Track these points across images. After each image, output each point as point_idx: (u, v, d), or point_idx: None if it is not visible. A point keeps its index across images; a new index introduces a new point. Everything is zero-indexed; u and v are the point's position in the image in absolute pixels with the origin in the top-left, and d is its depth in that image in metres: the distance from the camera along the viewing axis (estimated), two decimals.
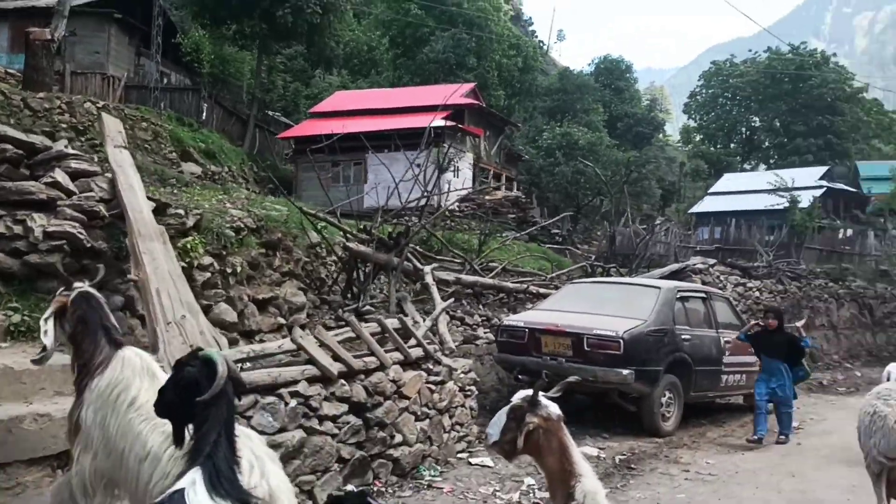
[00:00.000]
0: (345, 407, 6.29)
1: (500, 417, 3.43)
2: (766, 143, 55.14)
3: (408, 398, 7.18)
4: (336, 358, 6.32)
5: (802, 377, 10.13)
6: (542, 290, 11.48)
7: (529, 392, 3.43)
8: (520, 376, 9.85)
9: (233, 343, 7.06)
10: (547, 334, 9.62)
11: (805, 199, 37.33)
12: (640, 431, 9.59)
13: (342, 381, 6.31)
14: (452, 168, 26.87)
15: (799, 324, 11.10)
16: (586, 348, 9.27)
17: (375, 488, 6.46)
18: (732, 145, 56.48)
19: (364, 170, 28.37)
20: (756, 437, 9.36)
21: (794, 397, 9.86)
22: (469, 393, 8.65)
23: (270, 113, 34.47)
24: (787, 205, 36.21)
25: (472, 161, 31.16)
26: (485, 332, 10.68)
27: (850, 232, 40.50)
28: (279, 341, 6.43)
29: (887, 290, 21.61)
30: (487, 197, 30.44)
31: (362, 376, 6.65)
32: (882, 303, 20.97)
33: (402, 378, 7.14)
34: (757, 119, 55.54)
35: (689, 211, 44.94)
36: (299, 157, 28.53)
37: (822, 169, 44.27)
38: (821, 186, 41.33)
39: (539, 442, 3.36)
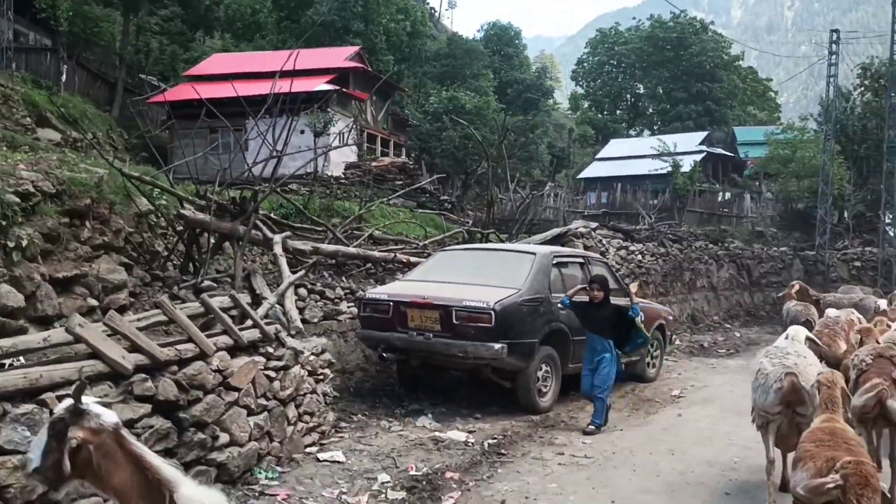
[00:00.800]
0: (147, 408, 5.08)
1: (41, 437, 2.64)
2: (651, 110, 55.90)
3: (237, 390, 6.01)
4: (135, 348, 5.10)
5: (642, 343, 8.87)
6: (413, 259, 10.48)
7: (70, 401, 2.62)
8: (384, 354, 8.85)
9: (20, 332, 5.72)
10: (413, 307, 8.61)
11: (686, 164, 37.76)
12: (516, 409, 8.77)
13: (143, 376, 5.10)
14: (336, 134, 25.47)
15: (632, 287, 10.57)
16: (455, 322, 8.33)
17: None
18: (618, 112, 57.00)
19: (244, 136, 26.62)
20: (591, 427, 8.07)
21: (619, 376, 8.70)
22: (322, 377, 7.57)
23: (144, 77, 31.98)
24: (669, 169, 36.52)
25: (358, 127, 29.78)
26: (348, 307, 9.59)
27: (728, 195, 41.52)
28: (45, 332, 5.12)
29: (763, 250, 21.79)
30: (374, 163, 29.22)
31: (175, 368, 5.45)
32: (759, 263, 21.10)
33: (229, 366, 5.97)
34: (641, 86, 56.15)
35: (578, 177, 45.04)
36: (174, 123, 26.46)
37: (702, 134, 45.08)
38: (701, 151, 42.02)
39: (94, 461, 2.60)
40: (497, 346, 8.18)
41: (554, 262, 9.28)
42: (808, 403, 5.37)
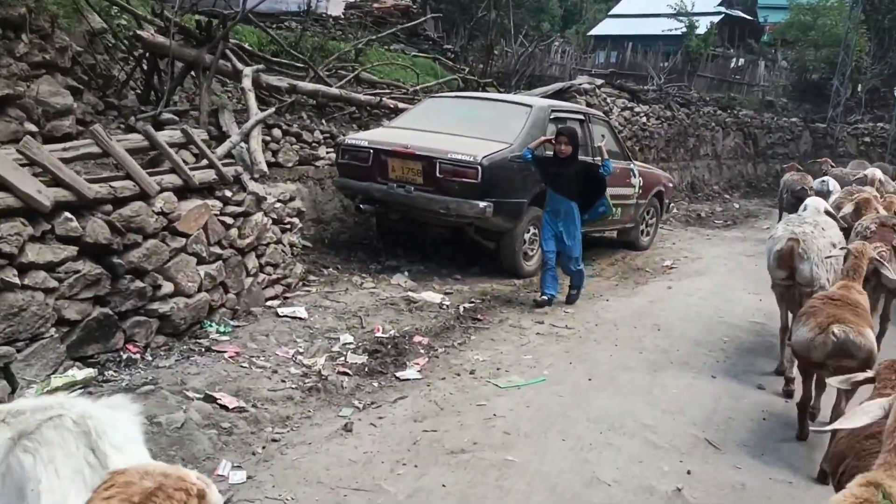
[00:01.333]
0: (72, 250, 4.44)
1: None
2: None
3: (185, 235, 5.35)
4: (56, 182, 4.39)
5: (603, 213, 7.81)
6: (401, 106, 9.58)
7: None
8: (361, 205, 8.18)
9: None
10: (394, 157, 7.85)
11: (703, 26, 35.76)
12: (499, 272, 8.22)
13: (67, 214, 4.42)
14: None
15: (600, 142, 9.76)
16: (439, 175, 7.59)
17: (125, 355, 4.77)
18: None
19: None
20: (544, 297, 7.27)
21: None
22: (290, 226, 6.92)
23: None
24: (684, 30, 34.57)
25: None
26: (328, 152, 8.79)
27: (741, 61, 39.60)
28: None
29: (773, 119, 20.76)
30: (375, 4, 27.48)
31: (109, 208, 4.76)
32: (766, 133, 20.14)
33: (176, 209, 5.28)
34: None
35: (588, 33, 42.82)
36: None
37: None
38: (719, 13, 39.79)
39: None
40: (482, 204, 7.50)
41: (552, 116, 8.42)
42: (802, 272, 5.33)
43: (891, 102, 34.80)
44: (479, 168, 7.44)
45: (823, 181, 10.47)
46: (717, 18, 39.00)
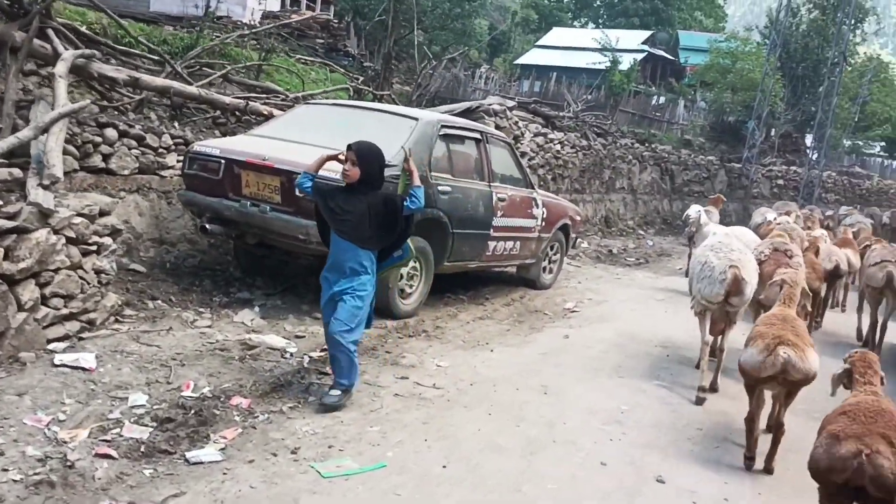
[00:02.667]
0: None
1: None
2: (598, 2, 52.76)
3: None
4: None
5: (399, 259, 5.23)
6: (276, 112, 8.22)
7: None
8: (207, 226, 6.70)
9: None
10: (250, 169, 6.45)
11: (626, 62, 35.70)
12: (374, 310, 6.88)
13: None
14: None
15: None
16: (299, 194, 6.24)
17: None
18: (565, 0, 53.69)
19: None
20: (333, 394, 4.72)
21: (369, 324, 5.10)
22: (96, 247, 5.43)
23: None
24: (608, 65, 34.37)
25: None
26: (178, 160, 7.34)
27: (662, 99, 39.70)
28: None
29: (690, 157, 20.17)
30: (294, 16, 26.10)
31: None
32: (683, 170, 19.51)
33: None
34: None
35: (515, 62, 42.37)
36: None
37: (646, 33, 42.75)
38: (643, 50, 39.88)
39: None
40: None
41: (441, 132, 7.18)
42: (745, 295, 5.87)
43: (802, 148, 35.36)
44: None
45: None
46: (640, 56, 39.04)
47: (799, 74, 32.67)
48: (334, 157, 4.98)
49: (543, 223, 8.72)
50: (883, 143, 49.30)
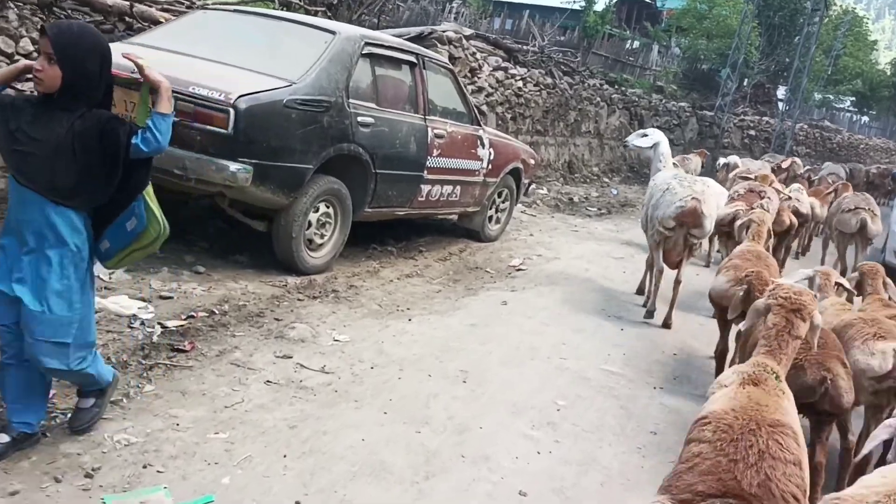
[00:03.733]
0: None
1: None
2: None
3: None
4: None
5: (133, 235, 2.97)
6: (170, 18, 6.74)
7: None
8: None
9: None
10: (118, 85, 5.05)
11: (601, 2, 34.05)
12: (276, 263, 5.63)
13: None
14: None
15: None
16: (176, 118, 4.87)
17: None
18: None
19: None
20: (11, 436, 2.90)
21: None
22: None
23: None
24: (583, 5, 32.72)
25: None
26: None
27: (636, 44, 38.16)
28: None
29: (661, 102, 18.87)
30: None
31: None
32: (654, 115, 18.22)
33: None
34: None
35: None
36: None
37: None
38: None
39: None
40: (234, 166, 4.85)
41: (364, 51, 5.80)
42: (703, 227, 5.81)
43: (773, 99, 34.27)
44: (233, 111, 4.77)
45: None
46: None
47: (775, 23, 31.43)
48: (27, 68, 2.79)
49: (490, 166, 7.43)
50: (853, 98, 48.50)
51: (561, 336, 5.32)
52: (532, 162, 8.40)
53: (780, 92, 34.32)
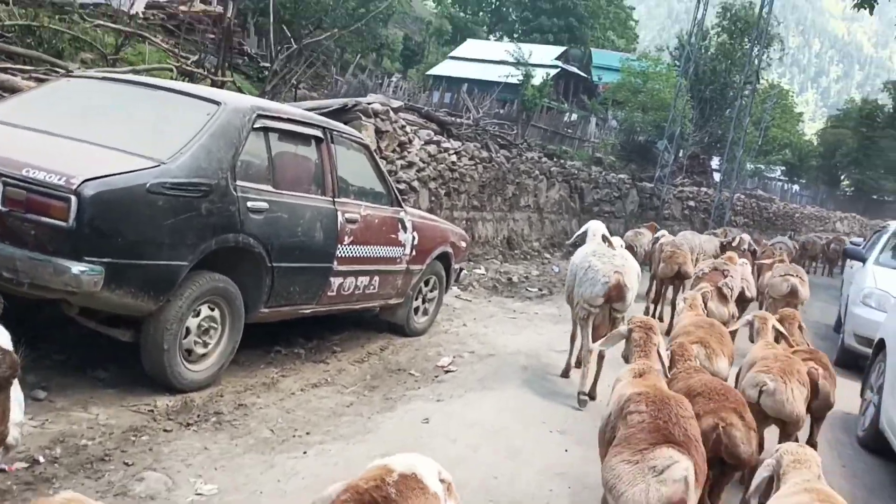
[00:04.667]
0: None
1: None
2: (513, 16, 51.40)
3: None
4: None
5: None
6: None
7: None
8: None
9: None
10: None
11: (539, 76, 34.32)
12: (146, 379, 4.55)
13: None
14: None
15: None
16: (3, 207, 3.87)
17: None
18: (481, 14, 52.14)
19: None
20: None
21: None
22: None
23: None
24: (521, 79, 32.89)
25: None
26: None
27: (574, 116, 38.54)
28: None
29: (601, 174, 18.44)
30: (181, 7, 23.32)
31: None
32: (594, 188, 17.73)
33: None
34: None
35: (427, 73, 40.51)
36: None
37: (560, 49, 41.58)
38: (556, 66, 38.57)
39: None
40: (78, 267, 3.83)
41: (256, 124, 4.89)
42: (625, 300, 5.77)
43: (708, 170, 34.68)
44: (75, 199, 3.79)
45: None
46: (553, 71, 37.76)
47: (707, 97, 32.02)
48: None
49: (414, 252, 6.53)
50: (783, 168, 49.82)
51: (492, 465, 4.32)
52: (463, 245, 7.53)
53: (714, 162, 34.82)
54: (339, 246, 5.55)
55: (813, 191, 52.68)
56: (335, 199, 5.53)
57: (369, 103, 9.81)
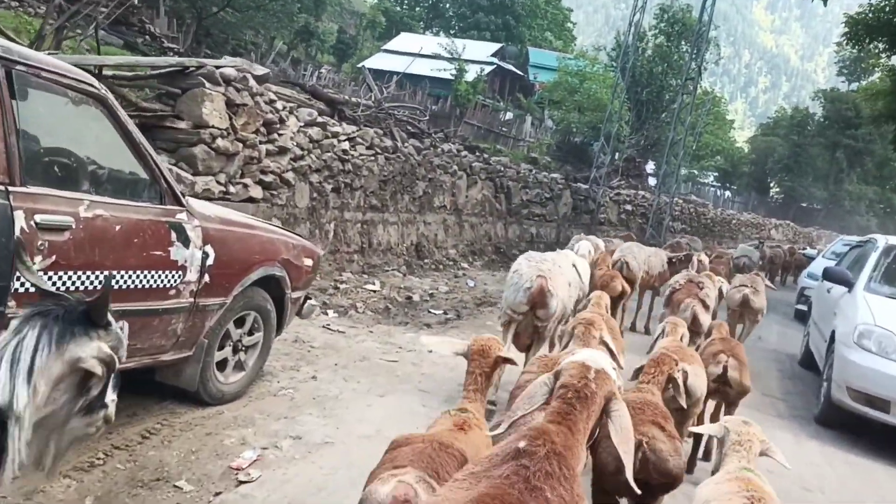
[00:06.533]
0: None
1: None
2: (451, 12, 48.99)
3: None
4: None
5: None
6: None
7: None
8: None
9: None
10: None
11: (474, 73, 32.12)
12: None
13: None
14: None
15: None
16: None
17: None
18: (418, 9, 49.58)
19: None
20: None
21: None
22: None
23: None
24: (454, 73, 30.65)
25: None
26: None
27: (510, 115, 36.47)
28: None
29: (531, 172, 16.12)
30: None
31: None
32: (523, 187, 15.39)
33: None
34: None
35: (360, 65, 37.88)
36: None
37: (496, 46, 39.44)
38: (492, 63, 36.41)
39: None
40: None
41: None
42: (548, 307, 5.35)
43: (644, 173, 33.03)
44: None
45: None
46: (489, 68, 35.61)
47: (643, 99, 30.50)
48: None
49: (208, 277, 3.95)
50: (716, 174, 48.83)
51: None
52: (308, 262, 4.95)
53: (650, 167, 33.32)
54: (23, 271, 2.93)
55: (744, 197, 51.97)
56: (9, 187, 2.93)
57: (218, 66, 7.17)
